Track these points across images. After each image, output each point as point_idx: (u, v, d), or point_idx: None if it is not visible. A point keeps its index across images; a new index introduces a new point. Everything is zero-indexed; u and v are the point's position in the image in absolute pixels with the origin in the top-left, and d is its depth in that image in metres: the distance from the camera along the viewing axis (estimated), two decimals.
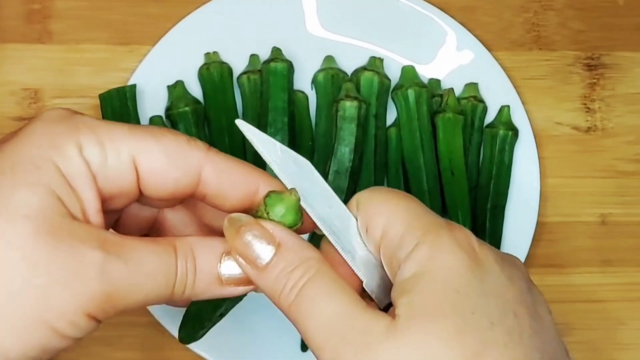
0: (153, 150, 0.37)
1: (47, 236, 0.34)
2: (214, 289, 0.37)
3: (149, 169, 0.37)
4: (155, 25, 0.63)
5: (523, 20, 0.65)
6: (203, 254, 0.37)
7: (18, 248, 0.34)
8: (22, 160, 0.35)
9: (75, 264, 0.34)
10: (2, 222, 0.34)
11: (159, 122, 0.60)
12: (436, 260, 0.35)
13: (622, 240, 0.62)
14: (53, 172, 0.35)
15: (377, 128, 0.60)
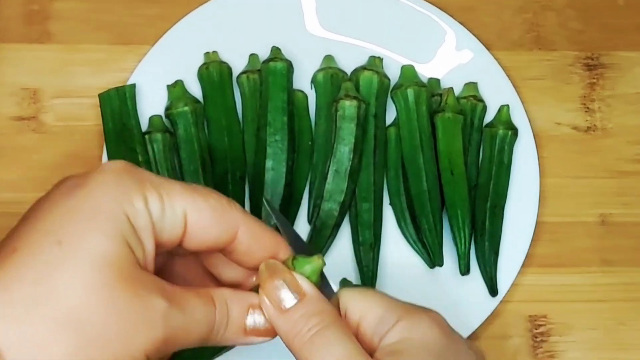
0: (202, 208, 0.41)
1: (123, 283, 0.37)
2: (239, 337, 0.42)
3: (196, 224, 0.41)
4: (154, 25, 0.63)
5: (523, 20, 0.65)
6: (235, 305, 0.42)
7: (99, 294, 0.37)
8: (98, 210, 0.38)
9: (146, 311, 0.38)
10: (84, 268, 0.37)
11: (158, 121, 0.60)
12: (418, 330, 0.41)
13: (622, 240, 0.62)
14: (126, 224, 0.39)
15: (377, 127, 0.60)
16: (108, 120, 0.60)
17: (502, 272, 0.59)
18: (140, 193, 0.40)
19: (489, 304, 0.59)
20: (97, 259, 0.37)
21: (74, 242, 0.37)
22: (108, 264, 0.37)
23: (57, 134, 0.61)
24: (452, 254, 0.59)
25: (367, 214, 0.59)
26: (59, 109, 0.62)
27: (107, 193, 0.39)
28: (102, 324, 0.37)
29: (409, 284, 0.59)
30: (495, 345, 0.60)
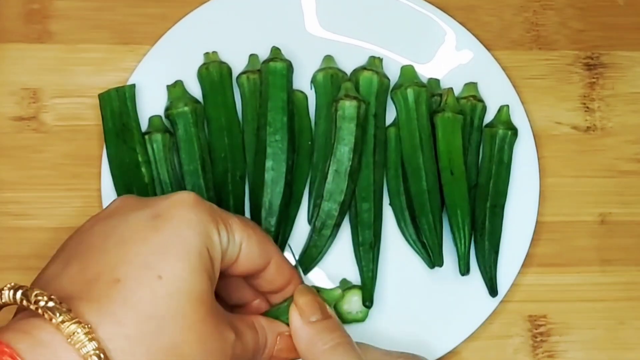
0: (253, 240, 0.47)
1: (210, 318, 0.42)
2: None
3: (247, 254, 0.47)
4: (154, 25, 0.63)
5: (523, 19, 0.65)
6: (270, 332, 0.48)
7: (196, 330, 0.42)
8: (189, 246, 0.43)
9: (224, 344, 0.43)
10: (185, 305, 0.41)
11: (158, 122, 0.60)
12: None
13: (622, 239, 0.62)
14: (208, 259, 0.43)
15: (377, 128, 0.60)
16: (108, 120, 0.60)
17: (502, 272, 0.59)
18: (215, 227, 0.44)
19: (489, 304, 0.59)
20: (193, 295, 0.41)
21: (171, 278, 0.41)
22: (201, 301, 0.42)
23: (57, 133, 0.61)
24: (452, 254, 0.59)
25: (367, 213, 0.59)
26: (59, 108, 0.62)
27: (191, 228, 0.43)
28: (195, 356, 0.41)
29: (409, 284, 0.59)
30: (495, 345, 0.60)
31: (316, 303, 0.48)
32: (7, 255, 0.59)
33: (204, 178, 0.59)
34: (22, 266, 0.59)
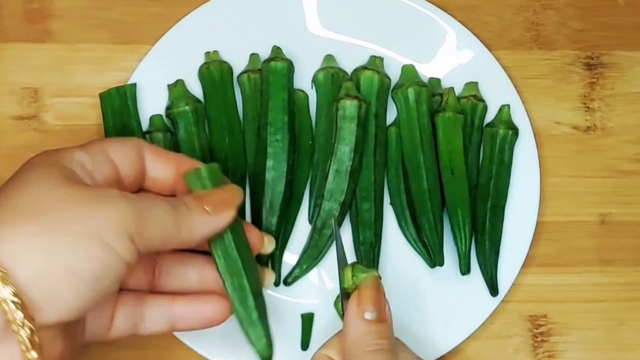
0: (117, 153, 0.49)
1: (77, 184, 0.45)
2: (206, 217, 0.47)
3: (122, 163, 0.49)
4: (155, 25, 0.63)
5: (523, 19, 0.65)
6: (187, 198, 0.48)
7: (57, 190, 0.44)
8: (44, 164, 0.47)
9: (102, 196, 0.44)
10: (47, 181, 0.44)
11: (159, 121, 0.60)
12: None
13: (621, 240, 0.62)
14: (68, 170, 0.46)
15: (377, 127, 0.60)
16: (109, 119, 0.60)
17: (502, 272, 0.59)
18: (65, 155, 0.47)
19: (490, 303, 0.59)
20: (53, 176, 0.45)
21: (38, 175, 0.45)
22: (63, 176, 0.45)
23: (58, 133, 0.61)
24: (453, 253, 0.59)
25: (368, 213, 0.59)
26: (59, 108, 0.62)
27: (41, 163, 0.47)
28: (58, 209, 0.42)
29: (409, 283, 0.59)
30: (496, 345, 0.60)
31: (379, 302, 0.48)
32: None
33: None
34: None
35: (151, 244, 0.45)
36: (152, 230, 0.44)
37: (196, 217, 0.47)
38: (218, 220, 0.48)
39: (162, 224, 0.45)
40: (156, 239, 0.45)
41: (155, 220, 0.45)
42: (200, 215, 0.47)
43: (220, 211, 0.48)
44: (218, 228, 0.48)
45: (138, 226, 0.44)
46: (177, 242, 0.46)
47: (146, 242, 0.44)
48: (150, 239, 0.45)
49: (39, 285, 0.41)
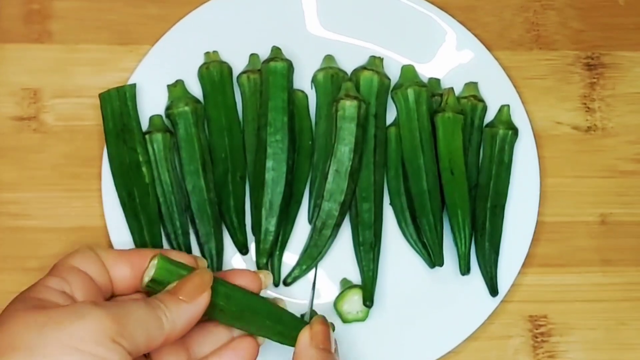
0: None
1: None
2: (183, 306, 0.48)
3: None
4: (154, 25, 0.63)
5: (523, 19, 0.65)
6: (160, 294, 0.48)
7: (30, 323, 0.44)
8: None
9: (76, 308, 0.44)
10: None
11: (159, 121, 0.60)
12: None
13: (622, 240, 0.62)
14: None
15: (377, 127, 0.60)
16: (108, 120, 0.60)
17: (502, 272, 0.59)
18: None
19: (490, 304, 0.59)
20: (28, 310, 0.45)
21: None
22: (34, 308, 0.45)
23: (58, 133, 0.61)
24: (453, 253, 0.59)
25: (368, 213, 0.59)
26: (59, 108, 0.62)
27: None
28: (37, 338, 0.43)
29: (409, 284, 0.59)
30: (496, 345, 0.60)
31: (328, 335, 0.51)
32: (6, 255, 0.59)
33: (204, 178, 0.59)
34: (21, 267, 0.59)
35: (137, 344, 0.45)
36: (134, 331, 0.45)
37: (173, 309, 0.47)
38: (196, 306, 0.48)
39: (142, 323, 0.46)
40: (140, 338, 0.45)
41: (134, 321, 0.45)
42: (177, 307, 0.48)
43: (195, 297, 0.48)
44: (199, 312, 0.48)
45: (118, 328, 0.44)
46: (163, 337, 0.47)
47: (131, 342, 0.44)
48: (134, 339, 0.45)
49: None
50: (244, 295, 0.51)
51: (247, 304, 0.51)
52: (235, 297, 0.51)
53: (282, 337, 0.51)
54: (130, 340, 0.44)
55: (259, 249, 0.58)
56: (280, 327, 0.51)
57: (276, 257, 0.59)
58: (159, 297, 0.48)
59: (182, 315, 0.48)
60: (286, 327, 0.51)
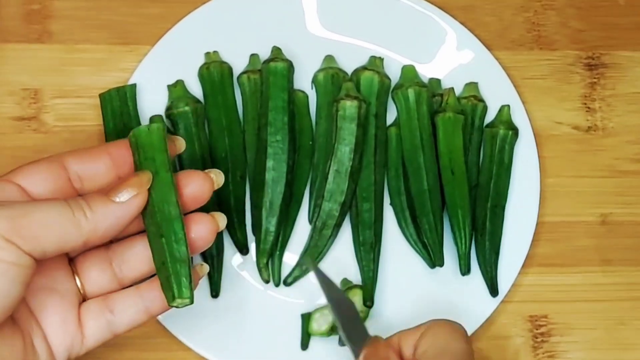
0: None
1: None
2: (111, 206, 0.46)
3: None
4: (155, 25, 0.63)
5: (523, 19, 0.65)
6: (89, 194, 0.47)
7: None
8: None
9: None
10: None
11: (159, 121, 0.60)
12: (439, 337, 0.49)
13: (622, 240, 0.62)
14: None
15: (377, 127, 0.60)
16: (109, 120, 0.60)
17: (502, 272, 0.59)
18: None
19: (490, 304, 0.59)
20: None
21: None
22: None
23: (58, 134, 0.61)
24: (453, 254, 0.59)
25: (368, 213, 0.59)
26: (59, 109, 0.62)
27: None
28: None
29: (409, 284, 0.59)
30: (496, 345, 0.60)
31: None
32: None
33: None
34: None
35: (42, 245, 0.43)
36: (37, 231, 0.43)
37: (98, 209, 0.45)
38: (125, 208, 0.46)
39: (51, 223, 0.44)
40: (47, 239, 0.44)
41: (39, 220, 0.44)
42: (104, 207, 0.46)
43: (124, 196, 0.46)
44: (127, 215, 0.46)
45: (13, 227, 0.43)
46: (82, 239, 0.45)
47: (32, 242, 0.43)
48: (37, 240, 0.43)
49: None
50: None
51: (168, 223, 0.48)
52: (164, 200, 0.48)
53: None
54: (31, 240, 0.43)
55: (259, 249, 0.58)
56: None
57: (276, 257, 0.59)
58: (86, 195, 0.46)
59: (107, 217, 0.46)
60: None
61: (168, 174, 0.48)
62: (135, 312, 0.49)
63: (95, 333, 0.49)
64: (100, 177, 0.49)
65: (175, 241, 0.47)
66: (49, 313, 0.48)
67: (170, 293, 0.47)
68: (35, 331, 0.47)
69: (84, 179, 0.49)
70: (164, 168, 0.48)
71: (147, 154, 0.48)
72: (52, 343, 0.47)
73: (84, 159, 0.49)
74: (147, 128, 0.49)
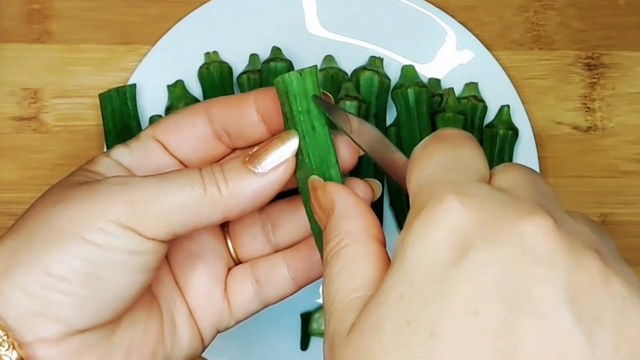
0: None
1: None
2: (250, 179, 0.39)
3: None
4: (155, 25, 0.63)
5: (523, 19, 0.65)
6: (228, 161, 0.40)
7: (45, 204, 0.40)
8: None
9: (93, 187, 0.39)
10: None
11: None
12: (407, 250, 0.32)
13: (622, 240, 0.62)
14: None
15: (377, 127, 0.60)
16: (108, 120, 0.60)
17: None
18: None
19: None
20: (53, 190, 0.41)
21: None
22: (61, 186, 0.42)
23: (58, 134, 0.61)
24: None
25: None
26: (59, 108, 0.62)
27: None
28: (39, 218, 0.39)
29: None
30: None
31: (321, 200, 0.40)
32: None
33: None
34: None
35: (172, 228, 0.39)
36: (163, 215, 0.38)
37: (235, 183, 0.39)
38: (266, 180, 0.40)
39: (177, 203, 0.38)
40: (177, 221, 0.39)
41: (165, 200, 0.38)
42: (241, 180, 0.39)
43: (268, 166, 0.40)
44: (270, 189, 0.40)
45: (133, 212, 0.38)
46: (215, 218, 0.39)
47: (161, 227, 0.38)
48: (165, 223, 0.38)
49: (21, 302, 0.37)
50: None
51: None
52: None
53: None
54: (155, 224, 0.38)
55: None
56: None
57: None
58: (224, 164, 0.40)
59: (245, 192, 0.39)
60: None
61: (325, 128, 0.41)
62: (283, 284, 0.45)
63: (244, 305, 0.45)
64: (249, 130, 0.43)
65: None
66: (195, 283, 0.43)
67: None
68: (179, 307, 0.43)
69: (231, 134, 0.43)
70: (321, 122, 0.41)
71: (300, 105, 0.41)
72: (199, 318, 0.43)
73: (230, 109, 0.42)
74: (299, 73, 0.41)
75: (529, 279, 0.30)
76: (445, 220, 0.31)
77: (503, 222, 0.31)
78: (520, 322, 0.29)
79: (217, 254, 0.45)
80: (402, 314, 0.30)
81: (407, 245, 0.32)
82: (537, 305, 0.29)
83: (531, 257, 0.30)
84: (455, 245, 0.31)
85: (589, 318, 0.30)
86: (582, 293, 0.30)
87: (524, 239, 0.30)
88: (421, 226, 0.32)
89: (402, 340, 0.30)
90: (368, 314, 0.32)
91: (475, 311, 0.29)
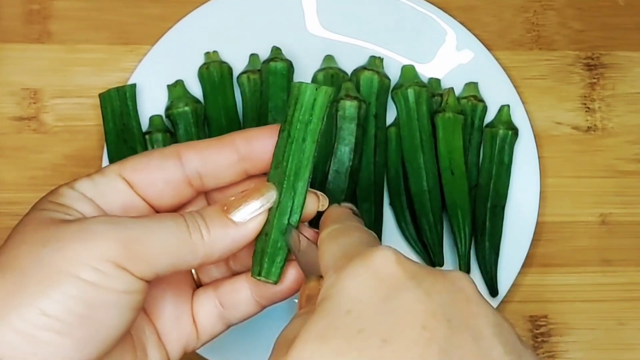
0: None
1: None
2: (230, 227, 0.41)
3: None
4: (154, 25, 0.63)
5: (523, 19, 0.65)
6: (207, 208, 0.42)
7: (28, 241, 0.39)
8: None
9: (82, 226, 0.39)
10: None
11: (158, 121, 0.60)
12: (337, 286, 0.36)
13: (622, 240, 0.62)
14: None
15: (377, 128, 0.60)
16: (108, 120, 0.60)
17: (502, 272, 0.59)
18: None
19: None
20: (31, 224, 0.40)
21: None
22: (39, 222, 0.40)
23: (58, 134, 0.61)
24: (452, 253, 0.59)
25: (368, 213, 0.59)
26: (59, 109, 0.62)
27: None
28: (28, 257, 0.38)
29: None
30: None
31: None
32: None
33: None
34: None
35: (156, 269, 0.39)
36: (151, 256, 0.39)
37: (216, 231, 0.41)
38: (244, 230, 0.42)
39: (167, 247, 0.40)
40: (162, 263, 0.39)
41: (154, 243, 0.39)
42: (222, 229, 0.41)
43: (246, 216, 0.42)
44: (246, 239, 0.42)
45: (127, 253, 0.38)
46: (197, 261, 0.41)
47: (146, 268, 0.39)
48: (151, 264, 0.39)
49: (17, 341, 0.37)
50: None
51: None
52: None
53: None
54: (144, 265, 0.39)
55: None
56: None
57: None
58: (204, 211, 0.41)
59: (224, 240, 0.41)
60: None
61: (313, 145, 0.43)
62: (246, 303, 0.46)
63: (209, 327, 0.45)
64: (225, 171, 0.43)
65: (290, 214, 0.43)
66: (163, 309, 0.44)
67: (258, 268, 0.44)
68: (149, 336, 0.43)
69: (205, 176, 0.43)
70: (312, 138, 0.43)
71: (303, 116, 0.43)
72: (167, 342, 0.44)
73: (207, 150, 0.43)
74: (316, 88, 0.43)
75: (466, 312, 0.35)
76: (383, 258, 0.36)
77: (435, 271, 0.37)
78: (462, 341, 0.34)
79: (182, 279, 0.45)
80: (351, 324, 0.34)
81: (346, 276, 0.36)
82: (474, 331, 0.34)
83: (465, 297, 0.36)
84: (401, 272, 0.36)
85: (514, 350, 0.35)
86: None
87: (455, 283, 0.36)
88: (358, 264, 0.37)
89: (354, 345, 0.34)
90: (314, 322, 0.36)
91: (424, 326, 0.34)
